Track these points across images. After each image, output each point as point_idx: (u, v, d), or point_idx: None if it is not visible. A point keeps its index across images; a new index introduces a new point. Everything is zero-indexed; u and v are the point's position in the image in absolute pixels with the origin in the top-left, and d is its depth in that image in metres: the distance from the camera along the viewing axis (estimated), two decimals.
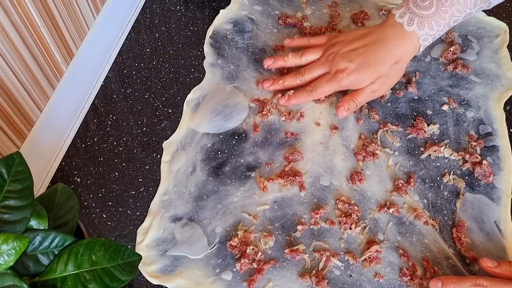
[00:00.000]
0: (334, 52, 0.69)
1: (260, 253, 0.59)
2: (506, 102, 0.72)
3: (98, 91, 0.75)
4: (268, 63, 0.74)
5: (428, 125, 0.70)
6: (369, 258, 0.59)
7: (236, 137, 0.70)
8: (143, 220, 0.63)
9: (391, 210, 0.63)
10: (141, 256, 0.49)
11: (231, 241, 0.60)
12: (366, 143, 0.68)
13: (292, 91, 0.71)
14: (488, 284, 0.53)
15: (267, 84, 0.73)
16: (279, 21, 0.82)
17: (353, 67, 0.67)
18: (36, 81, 0.64)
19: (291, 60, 0.73)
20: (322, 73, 0.70)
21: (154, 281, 0.59)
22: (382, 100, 0.73)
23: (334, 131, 0.70)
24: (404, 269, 0.59)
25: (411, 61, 0.76)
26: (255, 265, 0.59)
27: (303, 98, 0.70)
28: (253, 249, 0.60)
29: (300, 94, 0.70)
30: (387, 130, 0.69)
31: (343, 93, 0.71)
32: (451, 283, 0.55)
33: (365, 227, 0.62)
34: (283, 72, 0.75)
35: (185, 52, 0.79)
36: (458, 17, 0.65)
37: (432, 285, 0.56)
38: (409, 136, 0.69)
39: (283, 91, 0.73)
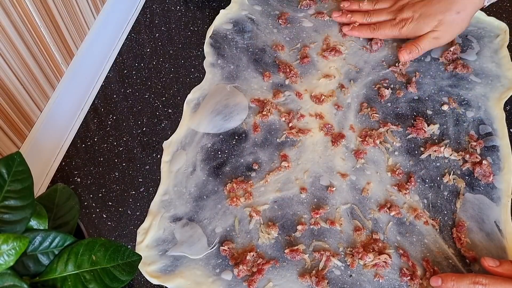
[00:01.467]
0: (404, 4, 0.77)
1: (260, 259, 0.59)
2: (506, 102, 0.72)
3: (98, 91, 0.75)
4: (346, 3, 0.81)
5: (428, 125, 0.69)
6: (375, 264, 0.59)
7: (236, 137, 0.70)
8: (143, 220, 0.63)
9: (392, 213, 0.62)
10: (141, 256, 0.49)
11: (222, 246, 0.60)
12: (366, 133, 0.69)
13: (357, 23, 0.78)
14: (487, 282, 0.53)
15: (336, 14, 0.80)
16: (279, 21, 0.82)
17: (416, 16, 0.74)
18: (36, 81, 0.64)
19: (366, 6, 0.80)
20: (388, 19, 0.77)
21: (154, 281, 0.59)
22: (382, 100, 0.73)
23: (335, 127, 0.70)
24: (404, 269, 0.59)
25: (411, 61, 0.76)
26: (254, 269, 0.59)
27: (365, 33, 0.78)
28: (253, 255, 0.60)
29: (364, 29, 0.78)
30: (387, 130, 0.69)
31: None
32: (451, 281, 0.55)
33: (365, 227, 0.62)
34: (284, 68, 0.75)
35: (185, 52, 0.79)
36: None
37: (432, 282, 0.56)
38: (409, 136, 0.69)
39: (284, 92, 0.74)
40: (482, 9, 0.81)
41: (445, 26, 0.73)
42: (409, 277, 0.58)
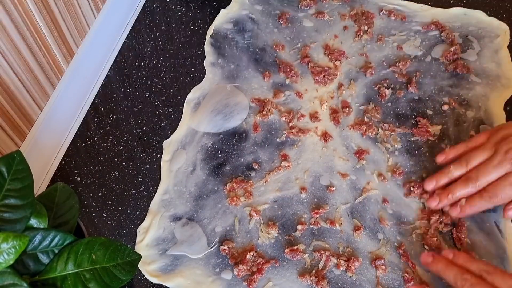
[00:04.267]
0: (497, 140, 0.58)
1: (260, 258, 0.59)
2: (506, 102, 0.72)
3: (99, 90, 0.75)
4: (430, 185, 0.62)
5: (430, 125, 0.69)
6: (375, 265, 0.59)
7: (236, 137, 0.70)
8: (143, 219, 0.63)
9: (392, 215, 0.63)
10: (141, 255, 0.49)
11: (222, 245, 0.60)
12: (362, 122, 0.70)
13: (464, 200, 0.59)
14: (475, 282, 0.50)
15: (434, 203, 0.61)
16: (280, 20, 0.82)
17: None
18: (36, 80, 0.64)
19: (456, 173, 0.60)
20: (500, 175, 0.57)
21: (154, 280, 0.59)
22: (382, 100, 0.73)
23: (335, 127, 0.70)
24: (406, 274, 0.58)
25: (411, 61, 0.76)
26: (254, 269, 0.59)
27: (481, 206, 0.58)
28: (253, 255, 0.60)
29: (476, 202, 0.58)
30: (390, 134, 0.69)
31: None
32: (440, 264, 0.53)
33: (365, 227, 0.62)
34: (285, 68, 0.75)
35: (186, 52, 0.79)
36: None
37: (423, 258, 0.55)
38: (413, 138, 0.69)
39: (284, 92, 0.74)
40: (482, 9, 0.81)
41: None
42: (412, 282, 0.58)
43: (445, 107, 0.72)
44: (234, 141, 0.70)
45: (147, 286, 0.59)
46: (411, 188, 0.64)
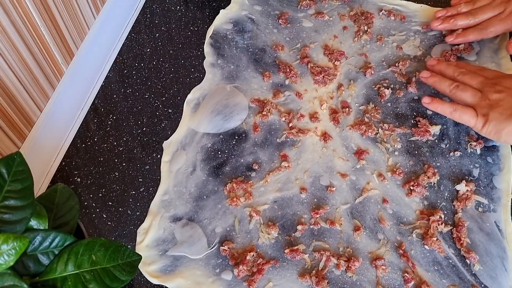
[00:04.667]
0: None
1: (260, 259, 0.59)
2: None
3: (98, 91, 0.75)
4: (441, 13, 0.76)
5: (430, 125, 0.69)
6: (375, 265, 0.59)
7: (236, 137, 0.70)
8: (143, 220, 0.63)
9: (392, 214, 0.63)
10: (141, 256, 0.49)
11: (222, 246, 0.60)
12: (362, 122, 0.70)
13: (460, 30, 0.73)
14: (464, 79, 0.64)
15: (436, 23, 0.74)
16: (279, 21, 0.82)
17: None
18: (36, 81, 0.64)
19: (464, 9, 0.74)
20: (495, 14, 0.70)
21: (154, 281, 0.59)
22: (382, 100, 0.73)
23: (335, 127, 0.70)
24: (406, 274, 0.58)
25: (411, 61, 0.76)
26: (254, 269, 0.59)
27: (473, 36, 0.71)
28: (253, 255, 0.60)
29: (469, 32, 0.71)
30: (390, 134, 0.69)
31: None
32: (436, 78, 0.67)
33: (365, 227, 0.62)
34: (285, 68, 0.75)
35: (185, 52, 0.79)
36: None
37: (428, 61, 0.68)
38: (413, 138, 0.69)
39: (284, 92, 0.74)
40: None
41: None
42: (412, 282, 0.58)
43: None
44: (234, 142, 0.70)
45: (147, 286, 0.59)
46: (411, 188, 0.64)
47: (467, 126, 0.70)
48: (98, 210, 0.65)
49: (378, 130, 0.70)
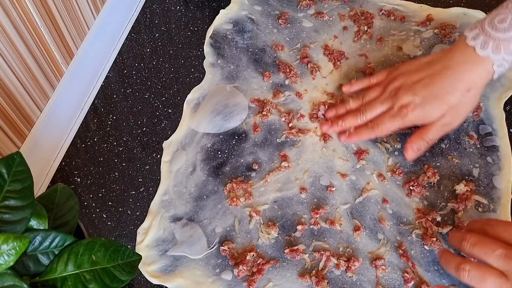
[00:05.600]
0: (397, 87, 0.64)
1: (260, 259, 0.59)
2: (506, 102, 0.72)
3: (98, 91, 0.75)
4: (330, 114, 0.70)
5: None
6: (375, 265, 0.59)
7: (236, 137, 0.70)
8: (143, 220, 0.63)
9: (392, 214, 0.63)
10: (141, 256, 0.49)
11: (222, 246, 0.60)
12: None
13: (352, 129, 0.67)
14: (470, 268, 0.49)
15: (325, 127, 0.68)
16: (279, 21, 0.82)
17: (418, 101, 0.61)
18: (36, 81, 0.64)
19: (353, 105, 0.68)
20: (384, 109, 0.64)
21: (154, 281, 0.59)
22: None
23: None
24: (406, 274, 0.58)
25: None
26: (254, 269, 0.59)
27: (365, 135, 0.66)
28: (253, 255, 0.60)
29: (362, 131, 0.66)
30: (390, 135, 0.69)
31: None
32: (444, 258, 0.53)
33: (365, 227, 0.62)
34: (284, 68, 0.75)
35: (185, 52, 0.79)
36: None
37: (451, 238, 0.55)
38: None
39: (283, 92, 0.74)
40: (481, 9, 0.81)
41: (456, 109, 0.61)
42: (412, 282, 0.58)
43: None
44: (234, 142, 0.70)
45: (147, 286, 0.59)
46: (411, 188, 0.64)
47: (467, 126, 0.70)
48: (98, 210, 0.65)
49: None
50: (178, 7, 0.85)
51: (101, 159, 0.69)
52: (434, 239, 0.60)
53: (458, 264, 0.50)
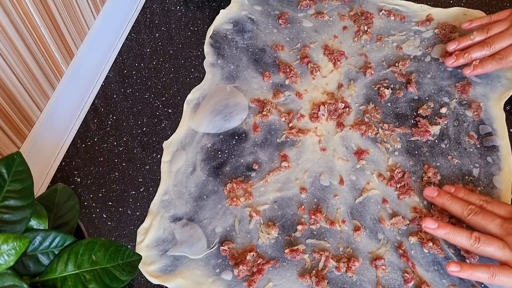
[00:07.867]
0: None
1: (260, 259, 0.59)
2: (506, 102, 0.72)
3: (98, 91, 0.75)
4: (452, 46, 0.72)
5: (430, 125, 0.69)
6: (375, 266, 0.59)
7: (236, 137, 0.70)
8: (143, 220, 0.63)
9: (392, 216, 0.63)
10: (141, 256, 0.49)
11: (222, 246, 0.60)
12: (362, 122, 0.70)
13: (477, 61, 0.70)
14: (478, 211, 0.57)
15: (450, 61, 0.71)
16: (279, 21, 0.82)
17: None
18: (36, 81, 0.64)
19: (478, 38, 0.71)
20: None
21: (154, 281, 0.59)
22: (382, 100, 0.73)
23: (338, 129, 0.70)
24: (406, 274, 0.58)
25: (411, 61, 0.76)
26: (254, 269, 0.59)
27: (491, 67, 0.68)
28: (253, 255, 0.60)
29: (488, 63, 0.68)
30: (390, 134, 0.69)
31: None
32: (445, 198, 0.60)
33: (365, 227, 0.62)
34: (284, 68, 0.75)
35: (185, 52, 0.79)
36: None
37: (427, 191, 0.62)
38: (412, 138, 0.69)
39: (283, 92, 0.74)
40: (481, 9, 0.81)
41: None
42: (412, 282, 0.58)
43: (445, 107, 0.72)
44: (234, 142, 0.70)
45: (147, 286, 0.59)
46: (400, 189, 0.64)
47: (467, 126, 0.70)
48: (98, 210, 0.65)
49: (378, 130, 0.70)
50: (178, 7, 0.85)
51: (101, 159, 0.69)
52: (431, 244, 0.60)
53: (470, 233, 0.56)
